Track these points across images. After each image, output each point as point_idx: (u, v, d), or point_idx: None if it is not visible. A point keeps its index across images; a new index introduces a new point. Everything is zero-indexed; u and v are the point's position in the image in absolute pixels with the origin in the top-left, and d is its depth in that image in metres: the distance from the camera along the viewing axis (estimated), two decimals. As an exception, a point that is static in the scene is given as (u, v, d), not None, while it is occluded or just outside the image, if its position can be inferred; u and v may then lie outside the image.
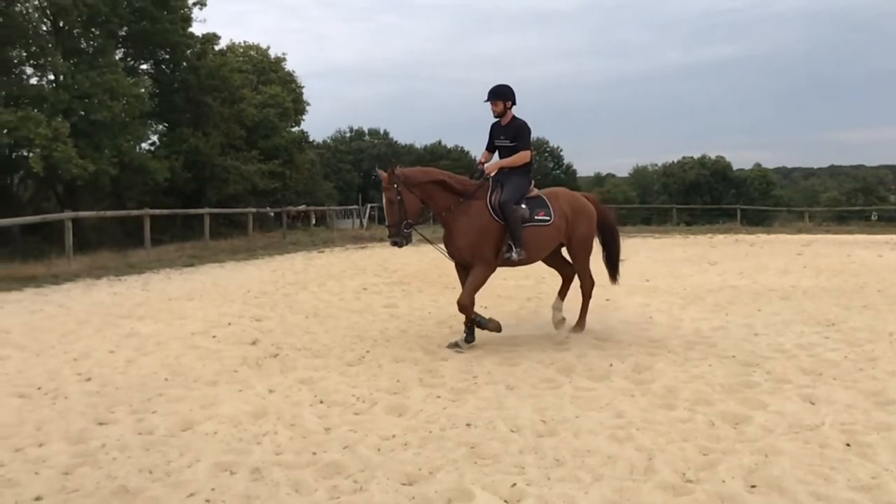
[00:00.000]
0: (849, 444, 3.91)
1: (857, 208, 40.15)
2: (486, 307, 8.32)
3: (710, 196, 55.93)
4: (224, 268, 13.58)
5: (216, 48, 31.77)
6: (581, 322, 6.99)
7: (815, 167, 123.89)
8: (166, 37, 27.71)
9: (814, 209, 37.54)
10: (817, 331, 7.01)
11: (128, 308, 8.51)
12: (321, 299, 9.31)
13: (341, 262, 14.55)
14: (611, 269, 7.26)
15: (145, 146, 29.59)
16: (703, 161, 61.35)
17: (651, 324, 7.45)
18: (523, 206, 6.35)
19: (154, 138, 31.19)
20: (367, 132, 63.94)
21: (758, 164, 73.31)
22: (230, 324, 7.50)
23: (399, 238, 6.09)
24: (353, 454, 3.82)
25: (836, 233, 24.95)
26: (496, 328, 6.43)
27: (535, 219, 6.40)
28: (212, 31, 31.30)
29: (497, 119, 6.59)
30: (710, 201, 50.66)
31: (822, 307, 8.43)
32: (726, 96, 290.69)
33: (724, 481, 3.45)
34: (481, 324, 6.31)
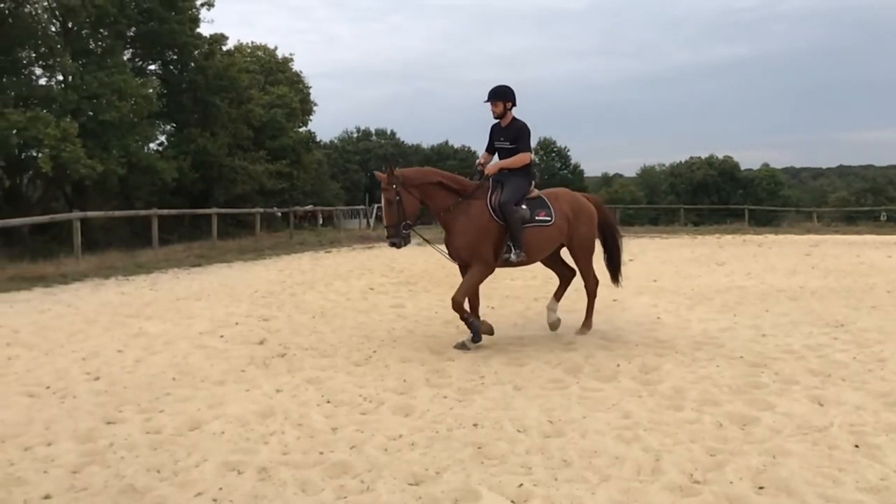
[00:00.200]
0: (857, 446, 3.88)
1: (867, 209, 39.79)
2: (492, 307, 8.32)
3: (718, 196, 55.73)
4: (232, 268, 13.64)
5: (224, 49, 31.95)
6: (587, 322, 6.97)
7: (824, 167, 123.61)
8: (174, 37, 27.86)
9: (822, 210, 37.30)
10: (826, 332, 6.97)
11: (136, 307, 8.55)
12: (328, 299, 9.33)
13: (348, 262, 14.57)
14: (612, 270, 7.22)
15: (153, 146, 29.82)
16: (710, 161, 61.13)
17: (658, 324, 7.43)
18: (524, 206, 6.32)
19: (162, 138, 31.46)
20: (374, 132, 64.15)
21: (766, 164, 73.23)
22: (238, 323, 7.52)
23: (397, 239, 6.08)
24: (360, 454, 3.82)
25: (845, 233, 24.80)
26: (488, 331, 6.45)
27: (537, 219, 6.37)
28: (219, 31, 31.73)
29: (497, 120, 6.54)
30: (717, 201, 50.49)
31: (830, 308, 8.38)
32: (734, 96, 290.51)
33: (731, 482, 3.43)
34: (473, 325, 6.28)
